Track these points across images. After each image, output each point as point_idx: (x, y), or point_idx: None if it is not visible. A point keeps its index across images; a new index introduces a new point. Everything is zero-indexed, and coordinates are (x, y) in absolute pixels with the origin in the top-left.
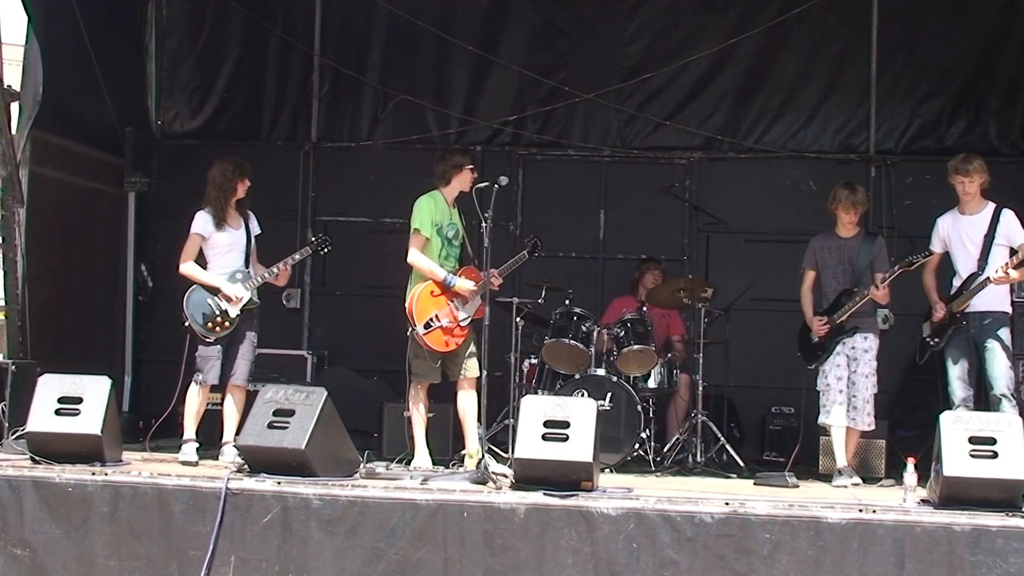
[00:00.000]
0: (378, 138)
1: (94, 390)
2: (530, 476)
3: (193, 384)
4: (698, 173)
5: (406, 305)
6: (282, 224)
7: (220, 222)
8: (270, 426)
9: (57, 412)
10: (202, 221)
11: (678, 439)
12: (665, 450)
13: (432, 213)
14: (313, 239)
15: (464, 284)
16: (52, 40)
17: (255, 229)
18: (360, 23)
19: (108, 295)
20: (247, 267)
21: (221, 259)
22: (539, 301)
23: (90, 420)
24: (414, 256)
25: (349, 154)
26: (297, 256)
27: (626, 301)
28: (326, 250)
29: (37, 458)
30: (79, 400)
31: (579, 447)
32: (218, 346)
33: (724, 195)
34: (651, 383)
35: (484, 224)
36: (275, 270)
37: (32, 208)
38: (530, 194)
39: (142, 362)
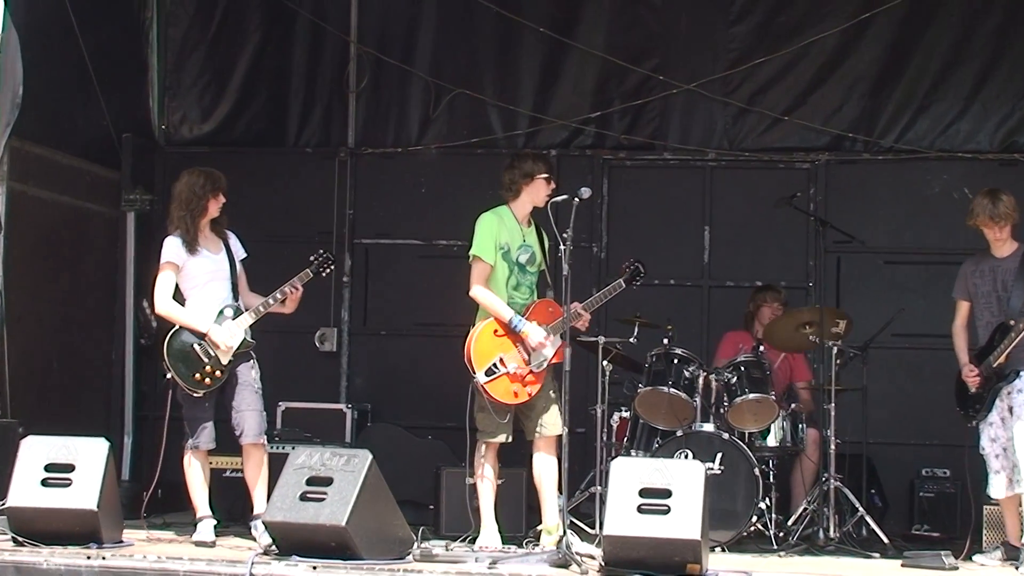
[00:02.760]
0: (430, 142)
1: (88, 455)
2: (623, 558)
3: (186, 454)
4: (825, 179)
5: (464, 348)
6: (313, 248)
7: (193, 246)
8: (303, 497)
9: (44, 482)
10: (172, 248)
11: (806, 510)
12: (790, 523)
13: (496, 234)
14: (312, 257)
15: (533, 333)
16: (34, 28)
17: (239, 252)
18: (405, 2)
19: (104, 338)
20: (236, 299)
21: (201, 292)
22: (631, 340)
23: (84, 492)
24: (476, 291)
25: (394, 162)
26: (297, 281)
27: (739, 339)
28: (328, 270)
29: (20, 538)
30: (70, 467)
31: (683, 521)
32: (207, 402)
33: (858, 206)
34: (771, 440)
35: (563, 246)
36: (278, 296)
37: (11, 234)
38: (617, 208)
39: (144, 420)
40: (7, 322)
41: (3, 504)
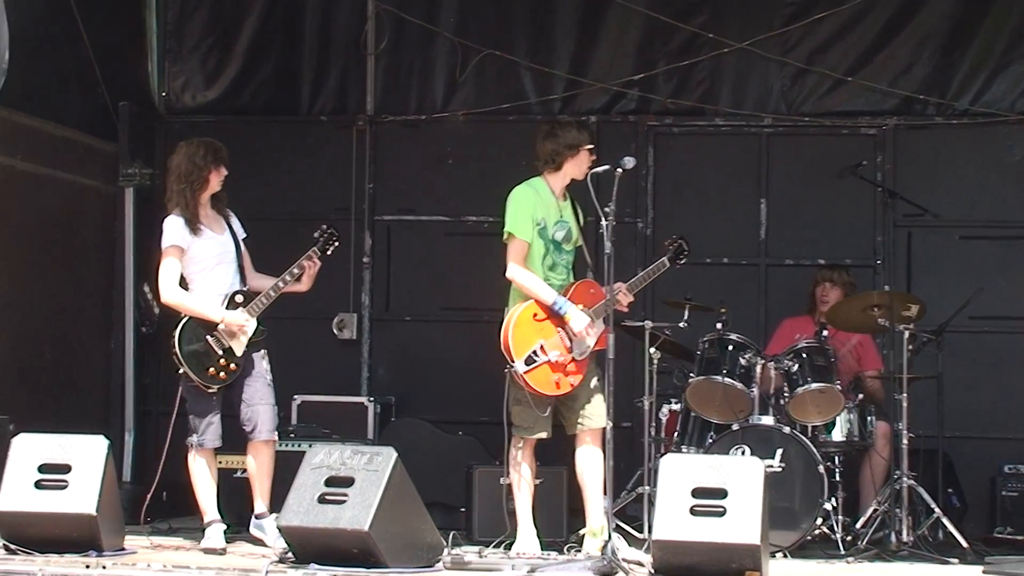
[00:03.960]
0: (456, 109)
1: (86, 454)
2: (674, 564)
3: (190, 452)
4: (893, 146)
5: (500, 334)
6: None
7: (196, 226)
8: (322, 500)
9: (38, 484)
10: (175, 228)
11: (876, 511)
12: (858, 526)
13: (532, 209)
14: (316, 233)
15: (577, 318)
16: None
17: (240, 233)
18: None
19: (101, 326)
20: (243, 283)
21: (209, 277)
22: (681, 325)
23: (81, 495)
24: (515, 271)
25: (418, 131)
26: (311, 254)
27: (800, 323)
28: (333, 246)
29: (12, 546)
30: (66, 468)
31: (740, 524)
32: (215, 397)
33: (930, 175)
34: (837, 435)
35: (604, 222)
36: (295, 272)
37: None
38: (664, 179)
39: (147, 415)
40: None
41: None
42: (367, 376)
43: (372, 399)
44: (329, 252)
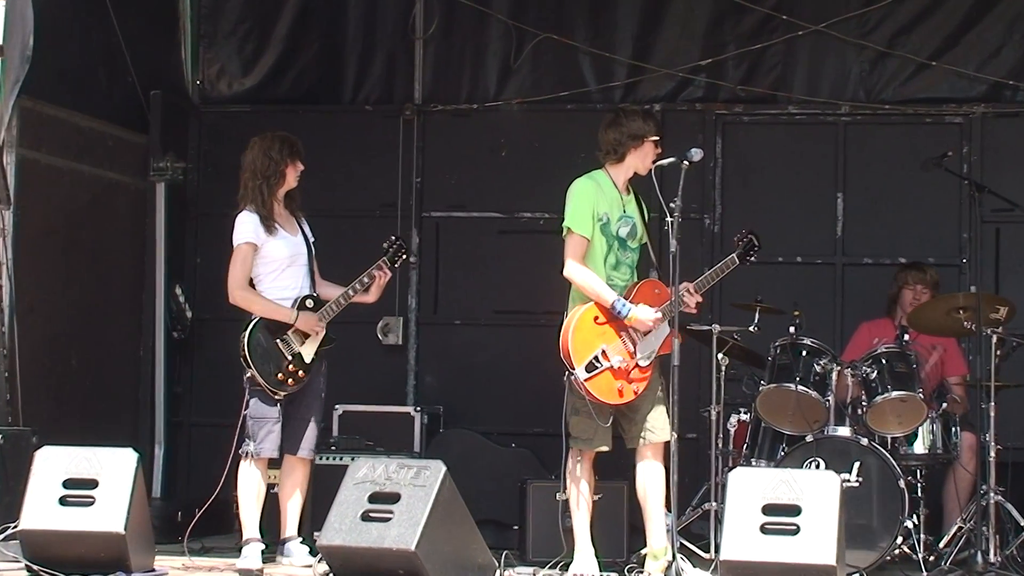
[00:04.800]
0: (510, 97)
1: (114, 468)
2: None
3: (243, 460)
4: (981, 136)
5: (559, 338)
6: (374, 223)
7: (271, 225)
8: (365, 517)
9: (63, 500)
10: (249, 225)
11: (961, 529)
12: (942, 546)
13: (594, 203)
14: (386, 244)
15: (643, 315)
16: None
17: (311, 236)
18: None
19: (131, 331)
20: (313, 288)
21: (279, 279)
22: (751, 329)
23: (109, 511)
24: (572, 269)
25: (469, 121)
26: (375, 270)
27: (880, 327)
28: (401, 259)
29: (36, 567)
30: (93, 483)
31: (815, 543)
32: (279, 404)
33: (1021, 167)
34: (919, 447)
35: (669, 218)
36: (365, 281)
37: (22, 209)
38: (733, 172)
39: (179, 426)
40: (17, 312)
41: (16, 526)
42: (414, 384)
43: (419, 409)
44: (397, 264)
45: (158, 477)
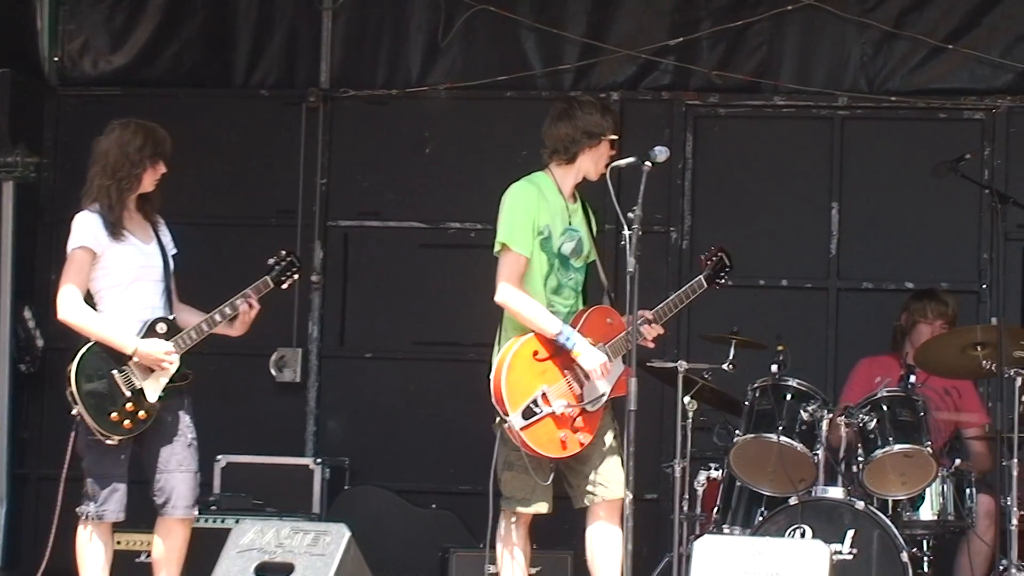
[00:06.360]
0: (437, 81)
1: None
2: None
3: (82, 525)
4: (1006, 135)
5: (491, 379)
6: (269, 234)
7: (117, 230)
8: None
9: None
10: (88, 228)
11: None
12: None
13: (533, 213)
14: (271, 260)
15: (589, 356)
16: None
17: (170, 247)
18: None
19: None
20: (169, 310)
21: (124, 295)
22: (725, 367)
23: None
24: (507, 293)
25: (387, 110)
26: (251, 292)
27: (882, 365)
28: (292, 280)
29: None
30: None
31: None
32: (122, 454)
33: None
34: (926, 512)
35: (626, 231)
36: (226, 312)
37: None
38: (706, 176)
39: (24, 480)
40: None
41: None
42: (314, 431)
43: (320, 461)
44: (287, 285)
45: None
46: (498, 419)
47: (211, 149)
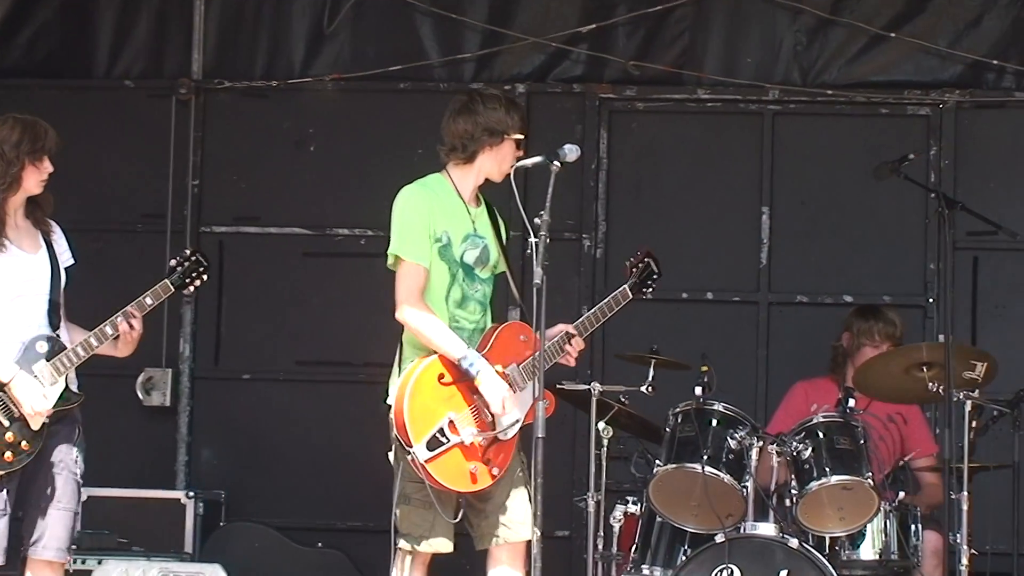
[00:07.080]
0: (322, 72)
1: None
2: None
3: None
4: (954, 133)
5: (390, 406)
6: (134, 241)
7: None
8: None
9: None
10: None
11: None
12: None
13: (428, 218)
14: (174, 261)
15: (491, 387)
16: None
17: (65, 257)
18: None
19: None
20: (55, 327)
21: (4, 314)
22: (643, 390)
23: None
24: (408, 311)
25: (267, 103)
26: (148, 300)
27: (819, 388)
28: (198, 282)
29: None
30: None
31: None
32: (4, 487)
33: (1006, 176)
34: (867, 551)
35: (532, 239)
36: (108, 331)
37: None
38: (623, 178)
39: None
40: None
41: None
42: (186, 460)
43: (192, 494)
44: (191, 290)
45: None
46: (394, 448)
47: (70, 147)
